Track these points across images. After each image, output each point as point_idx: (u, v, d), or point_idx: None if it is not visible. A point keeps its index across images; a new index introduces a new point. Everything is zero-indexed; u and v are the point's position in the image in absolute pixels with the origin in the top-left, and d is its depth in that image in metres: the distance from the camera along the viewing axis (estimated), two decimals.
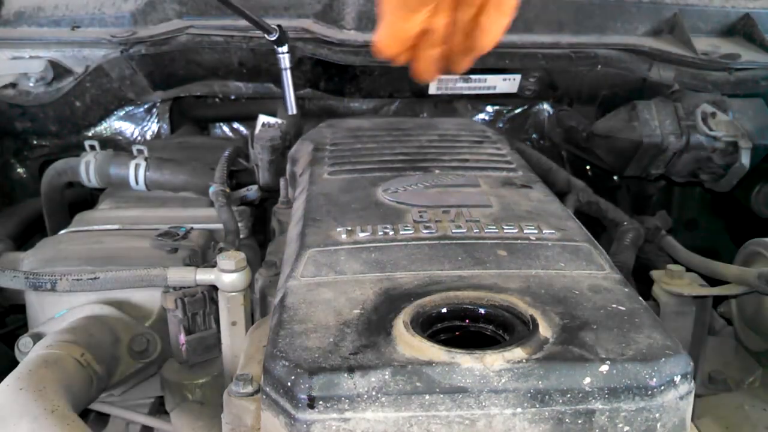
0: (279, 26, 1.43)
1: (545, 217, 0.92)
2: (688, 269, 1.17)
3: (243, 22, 1.55)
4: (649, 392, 0.58)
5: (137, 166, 1.39)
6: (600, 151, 1.64)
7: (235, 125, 1.89)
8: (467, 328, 0.68)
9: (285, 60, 1.49)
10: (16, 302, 1.18)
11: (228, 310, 0.99)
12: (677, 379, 0.59)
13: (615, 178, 1.87)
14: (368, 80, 1.63)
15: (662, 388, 0.58)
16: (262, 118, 1.64)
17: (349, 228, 0.87)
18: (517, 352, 0.59)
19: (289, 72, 1.49)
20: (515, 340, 0.62)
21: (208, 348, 1.06)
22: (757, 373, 1.17)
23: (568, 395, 0.57)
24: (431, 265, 0.77)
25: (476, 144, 1.29)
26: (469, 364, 0.58)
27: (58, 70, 1.52)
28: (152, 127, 1.77)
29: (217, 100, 1.83)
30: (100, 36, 1.53)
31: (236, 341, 0.99)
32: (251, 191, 1.40)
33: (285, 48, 1.49)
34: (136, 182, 1.39)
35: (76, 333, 0.97)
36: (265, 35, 1.43)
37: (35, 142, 1.71)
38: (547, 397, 0.57)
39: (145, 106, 1.75)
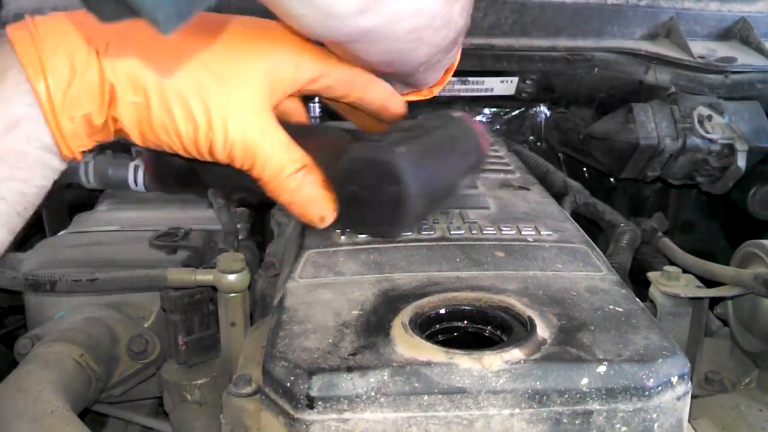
0: None
1: (543, 219, 0.93)
2: (685, 271, 1.17)
3: None
4: (646, 393, 0.58)
5: (136, 168, 1.39)
6: (597, 153, 1.65)
7: None
8: (465, 329, 0.68)
9: (315, 109, 1.58)
10: (14, 303, 1.18)
11: (227, 311, 0.99)
12: (674, 379, 0.60)
13: (612, 180, 1.88)
14: None
15: (659, 388, 0.59)
16: None
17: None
18: (515, 353, 0.60)
19: (317, 120, 1.58)
20: (513, 341, 0.62)
21: (207, 349, 1.06)
22: (753, 374, 1.18)
23: (566, 396, 0.58)
24: (430, 266, 0.78)
25: None
26: (468, 364, 0.58)
27: None
28: None
29: None
30: None
31: (235, 342, 0.99)
32: None
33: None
34: (136, 184, 1.40)
35: (75, 334, 0.98)
36: None
37: None
38: (544, 397, 0.58)
39: None
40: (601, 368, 0.59)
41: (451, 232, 0.87)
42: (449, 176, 0.86)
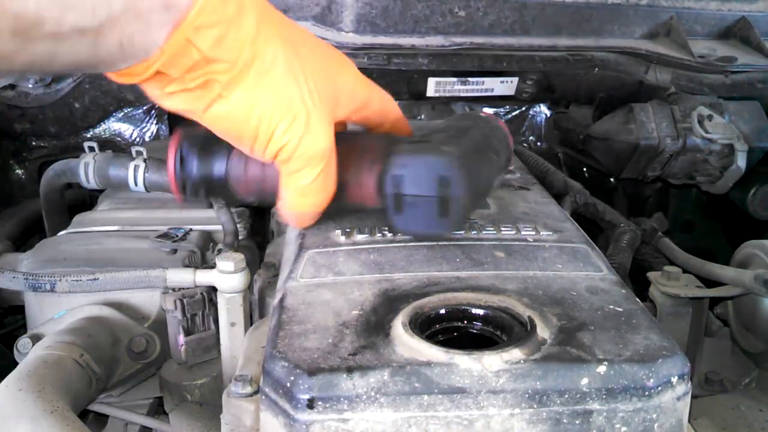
0: None
1: (543, 219, 0.93)
2: (685, 271, 1.17)
3: None
4: (646, 393, 0.58)
5: (136, 168, 1.39)
6: (597, 154, 1.65)
7: None
8: (465, 329, 0.69)
9: None
10: (14, 303, 1.18)
11: (227, 311, 0.99)
12: (674, 379, 0.60)
13: (612, 180, 1.88)
14: None
15: (659, 388, 0.59)
16: None
17: (348, 229, 0.87)
18: (515, 353, 0.60)
19: None
20: (513, 341, 0.62)
21: (207, 349, 1.06)
22: (753, 374, 1.18)
23: (566, 396, 0.58)
24: (429, 266, 0.78)
25: None
26: (468, 364, 0.59)
27: None
28: (151, 128, 1.77)
29: None
30: None
31: (235, 342, 0.99)
32: None
33: None
34: (135, 184, 1.39)
35: (76, 334, 0.97)
36: None
37: (34, 143, 1.71)
38: (544, 397, 0.58)
39: (144, 108, 1.75)
40: (601, 368, 0.59)
41: (451, 232, 0.87)
42: (488, 174, 0.86)
